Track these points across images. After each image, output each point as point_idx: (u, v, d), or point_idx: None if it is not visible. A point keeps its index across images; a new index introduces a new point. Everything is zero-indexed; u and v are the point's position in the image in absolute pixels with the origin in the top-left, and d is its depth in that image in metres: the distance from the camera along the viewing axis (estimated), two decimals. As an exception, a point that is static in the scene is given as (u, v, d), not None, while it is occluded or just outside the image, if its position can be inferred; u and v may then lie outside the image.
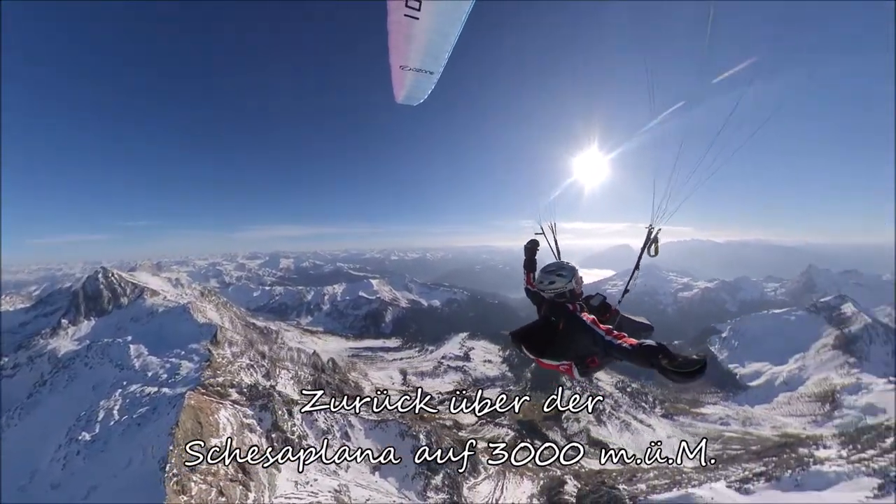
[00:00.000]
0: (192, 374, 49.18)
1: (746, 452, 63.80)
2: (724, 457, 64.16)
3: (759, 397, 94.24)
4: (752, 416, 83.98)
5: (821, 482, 41.67)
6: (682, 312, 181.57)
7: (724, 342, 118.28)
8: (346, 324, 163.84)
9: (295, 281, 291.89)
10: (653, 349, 3.10)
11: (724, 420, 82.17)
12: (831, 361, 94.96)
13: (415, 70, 4.54)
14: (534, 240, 6.47)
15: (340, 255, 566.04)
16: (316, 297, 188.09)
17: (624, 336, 3.69)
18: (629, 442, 69.29)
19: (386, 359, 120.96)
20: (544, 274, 5.25)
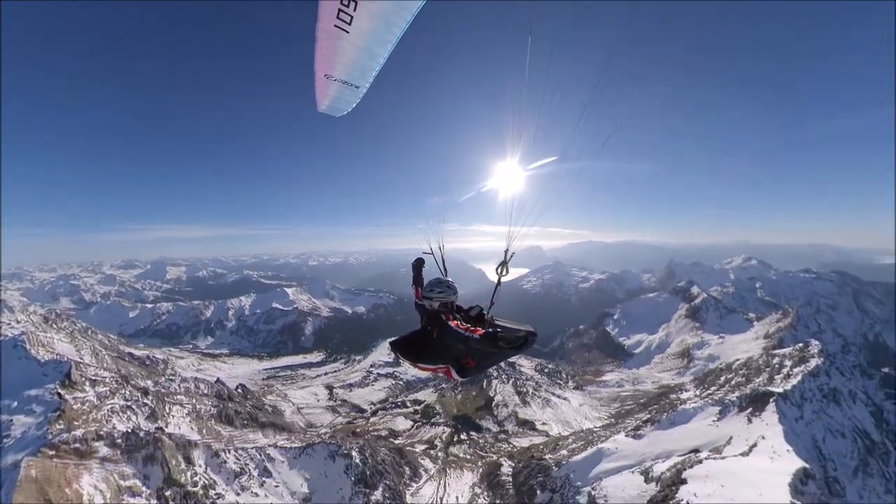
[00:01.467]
0: (31, 433, 38.03)
1: (637, 405, 77.90)
2: (622, 412, 77.24)
3: (641, 361, 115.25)
4: (639, 376, 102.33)
5: (685, 417, 53.92)
6: (582, 300, 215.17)
7: (615, 322, 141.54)
8: (257, 342, 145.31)
9: (189, 294, 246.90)
10: (492, 334, 4.41)
11: (619, 383, 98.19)
12: (685, 328, 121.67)
13: (340, 81, 4.47)
14: (420, 258, 7.10)
15: (248, 262, 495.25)
16: (218, 312, 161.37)
17: (477, 329, 4.88)
18: (551, 416, 77.87)
19: (308, 375, 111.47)
20: (430, 288, 5.95)
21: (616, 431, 56.12)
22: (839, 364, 65.77)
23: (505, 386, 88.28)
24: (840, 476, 40.25)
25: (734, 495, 29.98)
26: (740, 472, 34.38)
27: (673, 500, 30.49)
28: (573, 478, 42.77)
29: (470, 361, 5.69)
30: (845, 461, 43.29)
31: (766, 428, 43.92)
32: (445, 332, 5.27)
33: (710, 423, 49.86)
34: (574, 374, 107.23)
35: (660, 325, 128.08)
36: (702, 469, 35.83)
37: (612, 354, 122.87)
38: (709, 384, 75.82)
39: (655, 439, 49.09)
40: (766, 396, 49.71)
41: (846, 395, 56.36)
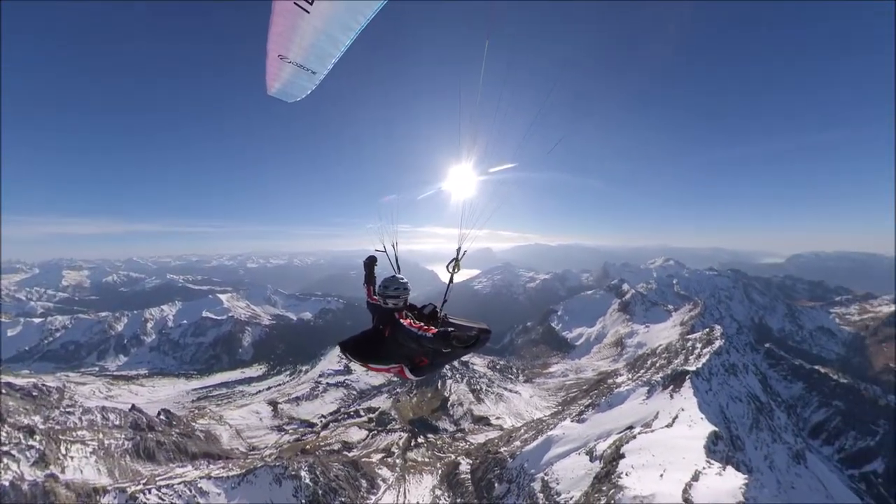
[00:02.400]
0: None
1: (580, 392, 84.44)
2: (568, 399, 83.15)
3: (582, 352, 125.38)
4: (581, 366, 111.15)
5: (620, 399, 59.92)
6: (530, 299, 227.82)
7: (559, 318, 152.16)
8: (184, 358, 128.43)
9: (94, 304, 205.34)
10: (445, 333, 4.50)
11: (564, 373, 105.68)
12: (618, 320, 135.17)
13: (295, 65, 4.07)
14: (372, 256, 6.95)
15: (171, 264, 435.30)
16: (133, 325, 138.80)
17: (430, 328, 4.92)
18: (504, 410, 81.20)
19: (248, 392, 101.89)
20: (383, 287, 5.79)
21: (563, 418, 60.39)
22: (735, 343, 78.28)
23: (459, 385, 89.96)
24: (740, 433, 47.98)
25: (662, 462, 34.28)
26: (667, 441, 39.36)
27: (614, 473, 33.83)
28: (527, 466, 45.21)
29: (423, 360, 5.65)
30: (743, 421, 51.66)
31: (684, 401, 50.72)
32: (398, 331, 5.20)
33: (641, 402, 56.03)
34: (524, 368, 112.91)
35: (597, 319, 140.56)
36: (636, 443, 40.25)
37: (557, 347, 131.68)
38: (638, 368, 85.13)
39: (597, 421, 53.84)
40: (683, 375, 57.23)
41: (741, 368, 67.20)
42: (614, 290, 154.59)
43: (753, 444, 47.34)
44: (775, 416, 57.16)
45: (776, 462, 46.43)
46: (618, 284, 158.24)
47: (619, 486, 30.96)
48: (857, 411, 78.86)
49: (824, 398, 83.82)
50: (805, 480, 45.95)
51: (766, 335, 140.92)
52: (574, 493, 35.46)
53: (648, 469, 33.81)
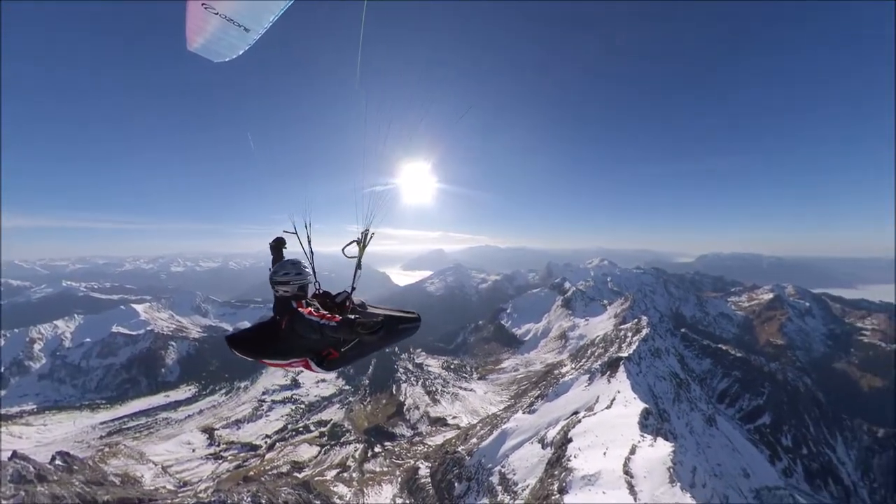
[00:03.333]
0: None
1: (530, 384, 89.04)
2: (519, 392, 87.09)
3: (531, 346, 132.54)
4: (530, 360, 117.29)
5: (566, 387, 64.50)
6: (482, 299, 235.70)
7: (508, 315, 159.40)
8: (87, 385, 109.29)
9: None
10: (349, 321, 4.21)
11: (515, 368, 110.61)
12: (561, 315, 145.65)
13: (224, 18, 3.34)
14: (279, 238, 6.03)
15: (69, 268, 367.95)
16: (13, 348, 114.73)
17: (334, 316, 4.56)
18: (460, 408, 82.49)
19: (175, 420, 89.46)
20: (277, 272, 5.10)
21: (515, 411, 63.25)
22: (658, 330, 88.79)
23: (414, 388, 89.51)
24: (666, 407, 54.56)
25: (605, 441, 37.72)
26: (607, 422, 43.35)
27: (564, 457, 36.36)
28: (484, 461, 46.54)
29: (332, 352, 5.14)
30: (667, 396, 58.83)
31: (619, 384, 56.28)
32: (297, 322, 4.66)
33: (584, 389, 60.90)
34: (477, 366, 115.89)
35: (543, 315, 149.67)
36: (581, 427, 43.70)
37: (507, 344, 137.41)
38: (580, 358, 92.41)
39: (546, 410, 57.31)
40: (617, 361, 63.42)
41: (663, 351, 76.48)
42: (557, 288, 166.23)
43: (677, 415, 54.10)
44: (691, 389, 65.91)
45: (694, 427, 53.62)
46: (560, 283, 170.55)
47: (568, 468, 33.35)
48: (749, 378, 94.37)
49: (726, 370, 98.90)
50: (717, 440, 53.74)
51: (681, 322, 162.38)
52: (530, 480, 37.40)
53: (594, 449, 36.95)
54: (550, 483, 31.41)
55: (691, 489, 27.59)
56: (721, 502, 32.49)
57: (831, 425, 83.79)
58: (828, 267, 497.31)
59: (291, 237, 6.01)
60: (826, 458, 76.12)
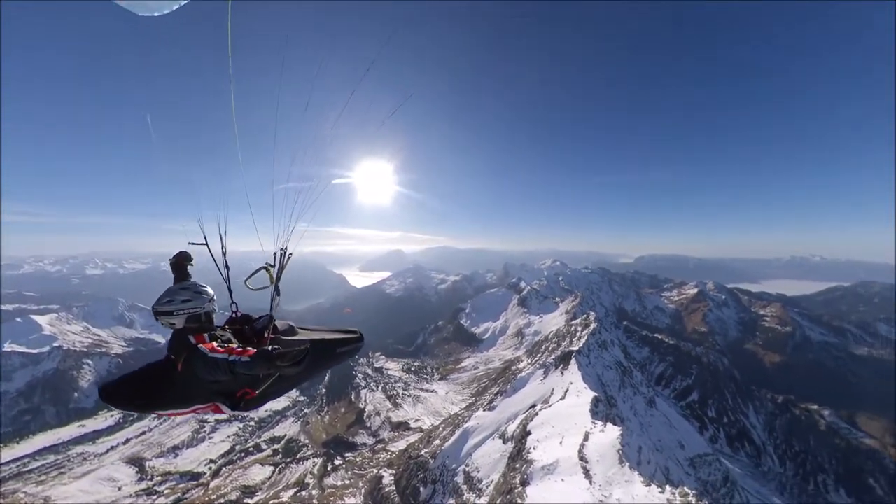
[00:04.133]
0: None
1: (490, 381, 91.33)
2: (480, 390, 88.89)
3: (489, 344, 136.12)
4: (489, 357, 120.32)
5: (523, 382, 67.20)
6: (441, 299, 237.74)
7: (467, 315, 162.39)
8: None
9: None
10: (266, 354, 3.33)
11: (475, 366, 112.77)
12: (517, 313, 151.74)
13: None
14: (183, 252, 4.71)
15: None
16: None
17: (247, 349, 3.58)
18: (423, 411, 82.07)
19: (94, 453, 77.53)
20: (166, 301, 3.99)
21: (476, 409, 64.51)
22: (604, 324, 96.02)
23: (374, 393, 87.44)
24: (613, 393, 59.21)
25: (561, 430, 39.95)
26: (562, 412, 45.95)
27: (524, 450, 37.87)
28: (448, 462, 46.85)
29: (249, 392, 4.13)
30: (614, 383, 63.89)
31: (572, 376, 59.96)
32: (196, 363, 3.62)
33: (539, 383, 63.94)
34: (438, 367, 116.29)
35: (500, 314, 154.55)
36: (539, 419, 45.83)
37: (467, 343, 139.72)
38: (536, 353, 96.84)
39: (506, 406, 59.22)
40: (569, 354, 67.52)
41: (609, 343, 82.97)
42: (514, 287, 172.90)
43: (622, 400, 58.92)
44: (634, 375, 72.20)
45: (637, 409, 58.77)
46: (517, 283, 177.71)
47: (528, 460, 34.80)
48: (680, 362, 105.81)
49: (661, 356, 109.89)
50: (657, 419, 59.40)
51: (624, 315, 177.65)
52: (493, 476, 38.39)
53: (551, 439, 38.94)
54: (513, 477, 32.54)
55: (638, 467, 30.25)
56: (663, 474, 35.99)
57: (744, 397, 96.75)
58: (739, 266, 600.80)
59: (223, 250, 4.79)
60: (741, 424, 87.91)
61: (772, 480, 74.91)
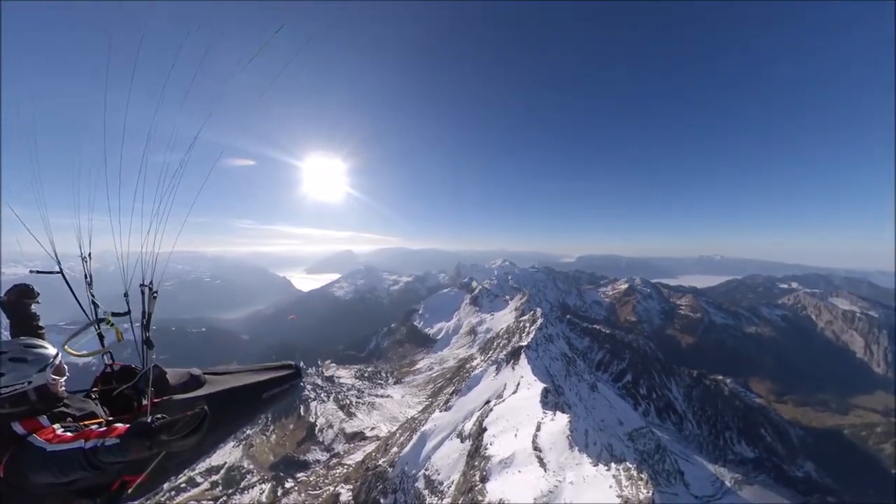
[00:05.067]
0: None
1: (445, 381, 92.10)
2: (436, 390, 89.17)
3: (443, 344, 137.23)
4: (443, 357, 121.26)
5: (477, 380, 68.87)
6: (394, 301, 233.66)
7: (420, 316, 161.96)
8: None
9: None
10: (144, 428, 2.26)
11: (429, 367, 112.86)
12: (470, 312, 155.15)
13: None
14: (19, 287, 3.33)
15: None
16: None
17: (114, 428, 2.44)
18: (378, 418, 79.88)
19: None
20: None
21: (433, 410, 64.64)
22: (550, 319, 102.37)
23: (326, 405, 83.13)
24: (560, 383, 63.36)
25: (515, 423, 41.75)
26: (515, 405, 48.06)
27: (482, 446, 38.89)
28: (408, 469, 46.28)
29: (130, 478, 3.01)
30: (560, 373, 68.39)
31: (522, 370, 63.00)
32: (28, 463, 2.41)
33: (493, 379, 66.08)
34: (393, 371, 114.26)
35: (453, 313, 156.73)
36: (493, 414, 47.38)
37: (421, 344, 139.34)
38: (488, 350, 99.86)
39: (461, 405, 60.20)
40: (519, 349, 70.84)
41: (555, 336, 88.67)
42: (466, 287, 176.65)
43: (568, 388, 63.28)
44: (577, 364, 78.00)
45: (582, 395, 63.55)
46: (468, 282, 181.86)
47: (486, 456, 35.83)
48: (615, 349, 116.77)
49: (600, 344, 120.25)
50: (599, 402, 64.75)
51: (567, 310, 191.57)
52: (454, 476, 38.78)
53: (506, 433, 40.49)
54: (472, 475, 33.21)
55: (586, 449, 32.78)
56: (607, 451, 39.42)
57: (667, 374, 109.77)
58: (660, 264, 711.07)
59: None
60: (667, 398, 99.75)
61: (692, 442, 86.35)
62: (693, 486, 60.56)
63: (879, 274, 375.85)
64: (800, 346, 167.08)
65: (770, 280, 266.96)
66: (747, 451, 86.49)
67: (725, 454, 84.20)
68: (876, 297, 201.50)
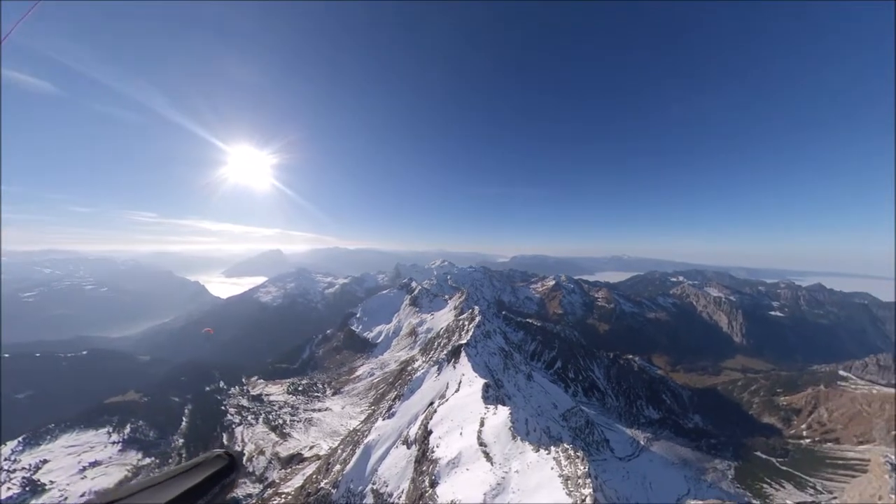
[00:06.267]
0: None
1: (387, 386, 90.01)
2: (378, 397, 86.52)
3: (384, 347, 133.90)
4: (385, 361, 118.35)
5: (419, 382, 68.65)
6: (329, 305, 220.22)
7: (358, 320, 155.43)
8: None
9: None
10: None
11: (370, 372, 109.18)
12: (410, 313, 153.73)
13: None
14: None
15: None
16: None
17: None
18: (317, 435, 74.51)
19: None
20: None
21: (376, 419, 62.64)
22: (487, 316, 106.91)
23: (254, 428, 75.13)
24: (500, 376, 66.46)
25: (460, 422, 42.46)
26: (458, 404, 48.89)
27: (428, 450, 38.72)
28: (353, 486, 44.02)
29: None
30: (499, 367, 71.73)
31: (463, 368, 64.47)
32: None
33: (435, 379, 66.45)
34: (330, 381, 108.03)
35: (393, 315, 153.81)
36: (438, 416, 47.58)
37: (360, 349, 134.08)
38: (430, 350, 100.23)
39: (405, 410, 59.35)
40: (459, 348, 72.33)
41: (492, 332, 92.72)
42: (405, 287, 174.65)
43: (507, 380, 66.67)
44: (514, 357, 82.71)
45: (520, 385, 67.48)
46: (408, 283, 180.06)
47: (434, 459, 35.78)
48: (546, 339, 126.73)
49: (532, 336, 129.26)
50: (535, 389, 69.44)
51: (503, 306, 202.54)
52: (403, 485, 37.95)
53: (452, 433, 40.96)
54: (421, 481, 32.88)
55: (528, 437, 34.74)
56: (546, 434, 42.32)
57: (590, 358, 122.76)
58: (581, 262, 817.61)
59: None
60: (591, 378, 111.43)
61: (613, 412, 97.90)
62: (617, 450, 68.75)
63: (737, 268, 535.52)
64: (685, 325, 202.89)
65: (664, 275, 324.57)
66: (654, 414, 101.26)
67: (638, 419, 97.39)
68: (734, 286, 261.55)
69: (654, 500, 55.78)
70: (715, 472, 69.07)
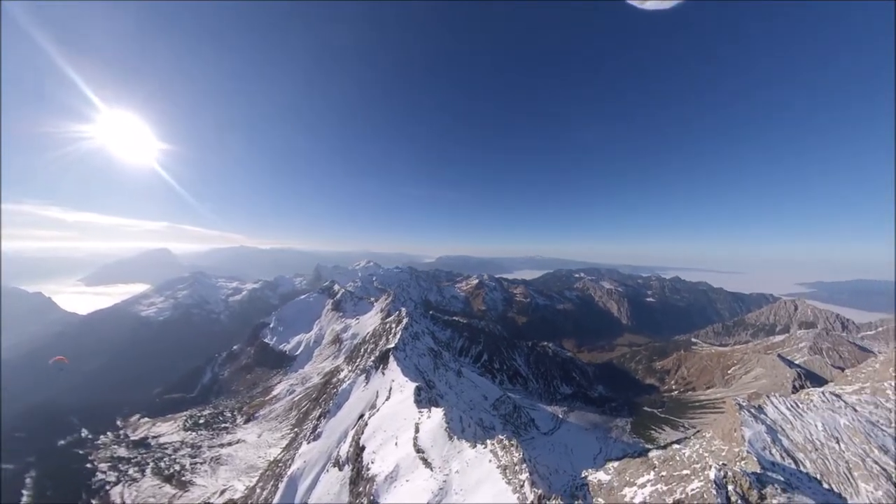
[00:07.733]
0: None
1: (310, 403, 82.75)
2: (300, 416, 78.91)
3: (305, 359, 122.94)
4: (306, 374, 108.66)
5: (346, 395, 64.69)
6: (234, 316, 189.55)
7: (272, 330, 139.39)
8: None
9: None
10: None
11: (290, 390, 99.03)
12: (333, 318, 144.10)
13: None
14: None
15: None
16: None
17: None
18: (228, 474, 64.04)
19: None
20: None
21: (300, 444, 57.00)
22: (415, 317, 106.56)
23: (139, 484, 61.29)
24: (431, 377, 66.62)
25: (394, 431, 41.14)
26: (390, 412, 47.36)
27: (363, 468, 36.57)
28: (275, 522, 39.12)
29: None
30: (429, 368, 71.95)
31: (392, 373, 62.81)
32: None
33: (363, 389, 63.39)
34: (241, 406, 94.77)
35: (314, 322, 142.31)
36: (370, 428, 45.39)
37: (276, 365, 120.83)
38: (356, 358, 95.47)
39: (332, 429, 55.23)
40: (387, 353, 70.40)
41: (420, 333, 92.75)
42: (327, 291, 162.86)
43: (438, 379, 67.24)
44: (443, 356, 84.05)
45: (451, 382, 68.68)
46: (330, 286, 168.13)
47: (370, 477, 33.93)
48: (472, 335, 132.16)
49: (459, 333, 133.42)
50: (465, 385, 71.46)
51: (430, 306, 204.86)
52: (335, 511, 35.01)
53: (387, 445, 39.43)
54: (361, 502, 30.81)
55: (463, 434, 35.31)
56: (479, 426, 43.65)
57: (512, 348, 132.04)
58: (501, 262, 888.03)
59: None
60: (514, 367, 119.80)
61: (535, 394, 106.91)
62: (541, 427, 74.95)
63: (623, 266, 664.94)
64: (587, 313, 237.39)
65: (569, 272, 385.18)
66: (567, 390, 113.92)
67: (555, 396, 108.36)
68: (622, 279, 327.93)
69: (575, 463, 62.61)
70: (617, 430, 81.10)
